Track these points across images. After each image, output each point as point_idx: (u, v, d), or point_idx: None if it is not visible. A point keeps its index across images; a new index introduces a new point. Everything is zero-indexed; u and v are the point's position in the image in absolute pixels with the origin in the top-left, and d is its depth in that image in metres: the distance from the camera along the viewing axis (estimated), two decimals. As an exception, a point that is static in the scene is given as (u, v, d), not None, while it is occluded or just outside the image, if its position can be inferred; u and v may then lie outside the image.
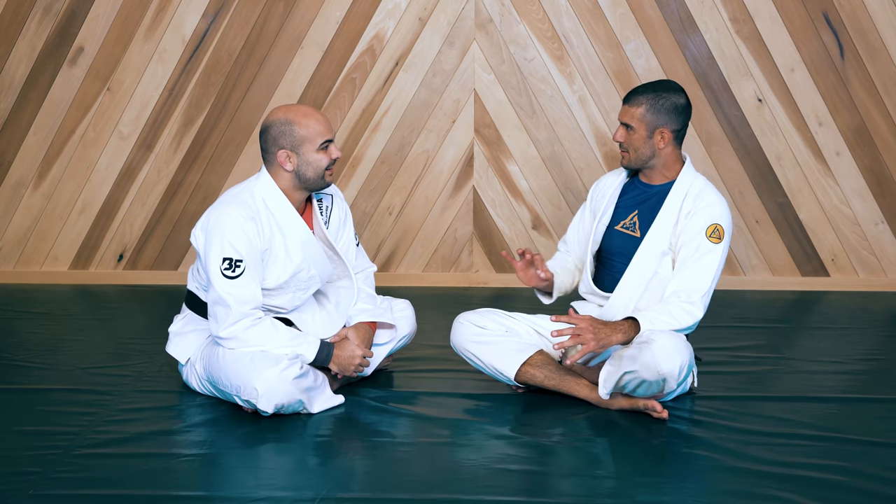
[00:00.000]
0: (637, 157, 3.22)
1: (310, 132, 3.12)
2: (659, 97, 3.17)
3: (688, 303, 3.09)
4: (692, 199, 3.17)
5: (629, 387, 3.06)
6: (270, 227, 3.15)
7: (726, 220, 3.18)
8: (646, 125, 3.17)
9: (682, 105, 3.20)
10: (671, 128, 3.18)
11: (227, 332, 3.07)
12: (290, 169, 3.14)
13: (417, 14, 4.69)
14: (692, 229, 3.15)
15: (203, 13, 4.67)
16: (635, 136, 3.19)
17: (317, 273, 3.26)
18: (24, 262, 4.89)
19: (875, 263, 4.82)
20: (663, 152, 3.21)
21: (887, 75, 4.66)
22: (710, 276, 3.12)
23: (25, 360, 3.63)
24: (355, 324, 3.28)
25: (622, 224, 3.27)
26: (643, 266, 3.18)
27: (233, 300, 3.06)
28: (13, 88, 4.73)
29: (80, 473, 2.67)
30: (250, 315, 3.08)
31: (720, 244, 3.13)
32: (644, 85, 3.23)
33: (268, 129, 3.15)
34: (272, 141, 3.14)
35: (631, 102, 3.20)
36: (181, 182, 4.81)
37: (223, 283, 3.06)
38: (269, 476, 2.72)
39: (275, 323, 3.13)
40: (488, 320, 3.31)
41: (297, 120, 3.12)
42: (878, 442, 2.92)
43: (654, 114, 3.17)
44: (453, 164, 4.80)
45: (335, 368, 3.18)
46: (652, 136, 3.18)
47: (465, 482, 2.66)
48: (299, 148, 3.12)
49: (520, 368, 3.22)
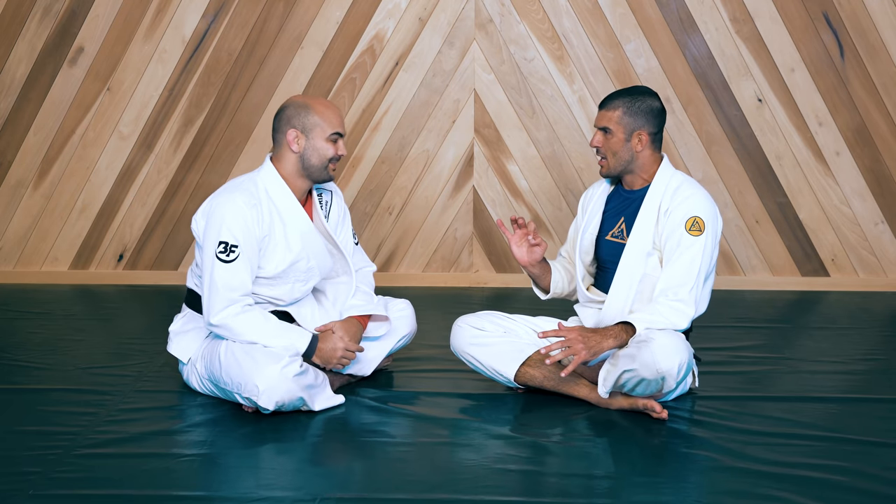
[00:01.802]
0: (616, 162, 3.21)
1: (323, 119, 3.18)
2: (635, 100, 3.19)
3: (676, 300, 3.08)
4: (670, 196, 3.17)
5: (628, 385, 3.06)
6: (271, 215, 3.18)
7: (706, 211, 3.14)
8: (623, 127, 3.18)
9: (658, 108, 3.22)
10: (648, 130, 3.19)
11: (217, 318, 3.11)
12: (297, 150, 3.18)
13: (417, 14, 4.69)
14: (671, 225, 3.14)
15: (203, 13, 4.67)
16: (613, 140, 3.19)
17: (315, 265, 3.27)
18: (24, 262, 4.90)
19: (875, 263, 4.82)
20: (641, 155, 3.21)
21: (887, 75, 4.66)
22: (694, 270, 3.09)
23: (25, 360, 3.63)
24: (345, 318, 3.29)
25: (611, 233, 3.27)
26: (630, 269, 3.18)
27: (221, 284, 3.09)
28: (13, 88, 4.73)
29: (80, 473, 2.67)
30: (239, 301, 3.10)
31: (701, 236, 3.11)
32: (618, 90, 3.25)
33: (284, 109, 3.22)
34: (285, 120, 3.20)
35: (607, 107, 3.21)
36: (181, 182, 4.82)
37: (216, 267, 3.10)
38: (269, 476, 2.72)
39: (265, 313, 3.14)
40: (486, 322, 3.31)
41: (314, 106, 3.20)
42: (878, 442, 2.91)
43: (630, 116, 3.18)
44: (453, 164, 4.80)
45: (318, 361, 3.17)
46: (630, 139, 3.18)
47: (465, 482, 2.66)
48: (310, 132, 3.18)
49: (519, 369, 3.23)
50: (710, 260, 3.15)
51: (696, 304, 3.11)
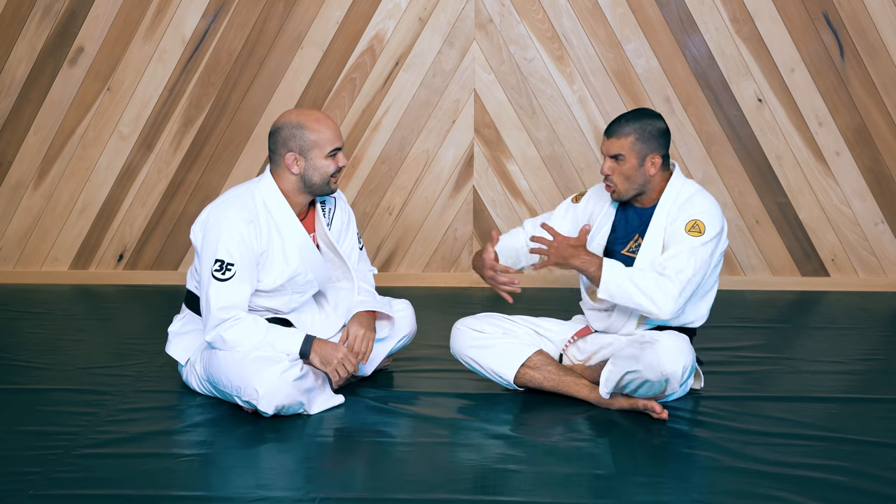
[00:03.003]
0: (629, 186, 3.15)
1: (320, 138, 3.14)
2: (645, 124, 3.13)
3: (663, 276, 3.02)
4: (677, 209, 3.15)
5: (630, 387, 3.05)
6: (269, 230, 3.16)
7: (709, 216, 3.11)
8: (636, 153, 3.12)
9: (665, 129, 3.17)
10: (660, 153, 3.14)
11: (210, 336, 3.10)
12: (297, 172, 3.15)
13: (417, 14, 4.69)
14: (675, 230, 3.11)
15: (203, 13, 4.67)
16: (626, 166, 3.12)
17: (314, 278, 3.27)
18: (24, 262, 4.89)
19: (875, 263, 4.82)
20: (654, 178, 3.17)
21: (887, 75, 4.66)
22: (687, 259, 3.03)
23: (25, 360, 3.63)
24: (355, 314, 3.28)
25: (628, 248, 3.23)
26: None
27: (214, 304, 3.08)
28: (13, 88, 4.73)
29: (80, 473, 2.67)
30: (230, 318, 3.09)
31: (700, 237, 3.07)
32: (624, 115, 3.17)
33: (278, 130, 3.16)
34: (281, 143, 3.15)
35: (618, 134, 3.13)
36: (181, 182, 4.81)
37: (211, 286, 3.09)
38: (269, 476, 2.72)
39: (256, 320, 3.12)
40: (485, 324, 3.31)
41: (308, 125, 3.14)
42: (878, 442, 2.92)
43: (643, 142, 3.12)
44: (453, 164, 4.80)
45: (317, 361, 3.11)
46: (643, 164, 3.13)
47: (465, 482, 2.66)
48: (308, 153, 3.14)
49: (518, 370, 3.22)
50: (708, 261, 3.10)
51: (682, 292, 3.03)
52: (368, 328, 3.23)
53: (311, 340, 3.12)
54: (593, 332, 3.31)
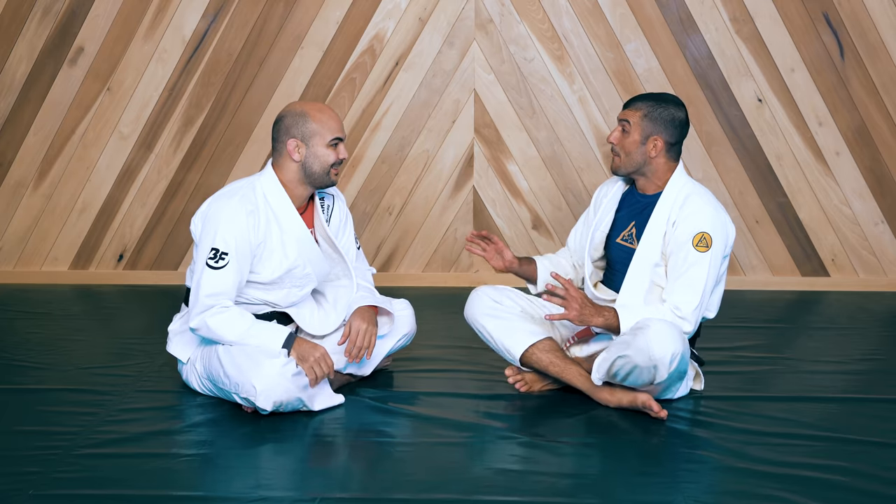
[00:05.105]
0: (628, 161, 3.21)
1: (322, 126, 3.19)
2: (658, 106, 3.19)
3: (680, 317, 3.09)
4: (679, 207, 3.16)
5: (621, 373, 3.04)
6: (268, 221, 3.18)
7: (715, 226, 3.13)
8: (641, 129, 3.18)
9: (681, 119, 3.19)
10: (664, 138, 3.18)
11: (195, 322, 3.13)
12: (298, 159, 3.19)
13: (417, 14, 4.69)
14: (679, 240, 3.13)
15: (203, 13, 4.67)
16: (629, 140, 3.19)
17: (312, 271, 3.27)
18: (24, 262, 4.89)
19: (875, 263, 4.82)
20: (654, 161, 3.20)
21: (887, 75, 4.66)
22: (699, 287, 3.10)
23: (25, 360, 3.63)
24: (356, 309, 3.28)
25: (621, 236, 3.27)
26: (638, 278, 3.18)
27: (204, 290, 3.11)
28: (13, 88, 4.73)
29: (80, 473, 2.67)
30: (217, 304, 3.11)
31: (707, 252, 3.10)
32: (648, 93, 3.26)
33: (282, 118, 3.22)
34: (284, 130, 3.20)
35: (632, 106, 3.22)
36: (181, 182, 4.82)
37: (203, 273, 3.12)
38: (269, 476, 2.72)
39: (242, 312, 3.14)
40: (505, 297, 3.33)
41: (311, 113, 3.20)
42: (878, 442, 2.92)
43: (650, 120, 3.18)
44: (453, 164, 4.80)
45: (295, 356, 3.09)
46: (645, 143, 3.18)
47: (465, 482, 2.66)
48: (309, 140, 3.18)
49: (527, 350, 3.23)
50: (718, 271, 3.15)
51: (697, 321, 3.12)
52: (371, 323, 3.24)
53: (293, 338, 3.13)
54: (594, 334, 3.32)
